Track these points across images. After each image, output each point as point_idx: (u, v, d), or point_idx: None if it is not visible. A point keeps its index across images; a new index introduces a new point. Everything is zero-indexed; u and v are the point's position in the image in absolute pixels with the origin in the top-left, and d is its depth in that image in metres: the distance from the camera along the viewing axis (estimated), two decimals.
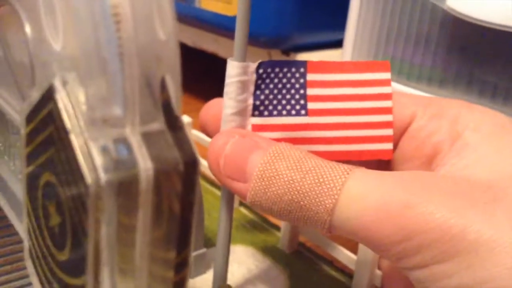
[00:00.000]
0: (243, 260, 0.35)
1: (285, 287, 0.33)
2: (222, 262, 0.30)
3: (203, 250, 0.32)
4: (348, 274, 0.34)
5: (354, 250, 0.32)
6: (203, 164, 0.43)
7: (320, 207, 0.20)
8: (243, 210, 0.40)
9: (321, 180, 0.20)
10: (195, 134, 0.42)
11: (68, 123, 0.15)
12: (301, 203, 0.20)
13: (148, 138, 0.16)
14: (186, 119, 0.42)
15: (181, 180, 0.16)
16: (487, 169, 0.20)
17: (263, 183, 0.21)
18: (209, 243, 0.36)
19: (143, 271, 0.16)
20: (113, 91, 0.15)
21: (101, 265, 0.15)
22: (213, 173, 0.23)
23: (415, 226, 0.18)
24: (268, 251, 0.36)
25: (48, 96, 0.16)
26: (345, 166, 0.20)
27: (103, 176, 0.15)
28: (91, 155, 0.15)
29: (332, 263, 0.35)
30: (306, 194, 0.20)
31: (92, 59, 0.15)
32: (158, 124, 0.16)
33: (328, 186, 0.19)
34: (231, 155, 0.22)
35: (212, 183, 0.43)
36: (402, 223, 0.18)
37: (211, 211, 0.39)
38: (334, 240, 0.34)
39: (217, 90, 0.29)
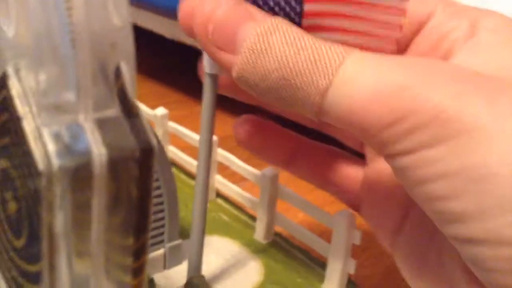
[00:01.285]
0: (220, 251, 0.35)
1: (261, 277, 0.33)
2: (197, 253, 0.30)
3: (179, 241, 0.33)
4: (323, 263, 0.34)
5: (329, 239, 0.32)
6: (181, 157, 0.43)
7: (312, 87, 0.18)
8: (220, 201, 0.40)
9: (316, 58, 0.18)
10: (172, 127, 0.42)
11: (20, 110, 0.15)
12: (292, 81, 0.18)
13: (102, 124, 0.16)
14: (162, 111, 0.42)
15: (137, 166, 0.16)
16: (497, 67, 0.19)
17: (253, 56, 0.19)
18: (185, 234, 0.36)
19: (100, 257, 0.16)
20: (65, 77, 0.15)
21: (56, 252, 0.15)
22: (199, 40, 0.21)
23: (407, 107, 0.17)
24: (244, 241, 0.36)
25: (2, 83, 0.16)
26: (344, 47, 0.19)
27: (55, 162, 0.15)
28: (43, 141, 0.15)
29: (308, 252, 0.35)
30: (298, 72, 0.18)
31: (44, 45, 0.15)
32: (113, 111, 0.16)
33: (324, 65, 0.18)
34: (222, 22, 0.20)
35: (189, 174, 0.43)
36: (395, 104, 0.17)
37: (188, 202, 0.39)
38: (310, 229, 0.34)
39: (195, 83, 0.28)
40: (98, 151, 0.15)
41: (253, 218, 0.38)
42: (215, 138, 0.39)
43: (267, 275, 0.33)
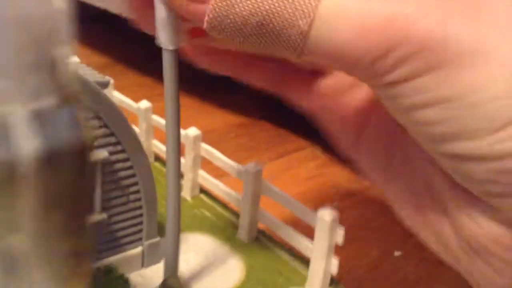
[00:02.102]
0: (200, 249, 0.34)
1: (242, 276, 0.32)
2: (173, 251, 0.29)
3: (157, 239, 0.32)
4: (307, 262, 0.33)
5: (312, 237, 0.31)
6: (165, 151, 0.42)
7: (293, 29, 0.17)
8: (203, 197, 0.39)
9: None
10: (155, 120, 0.41)
11: None
12: (270, 25, 0.17)
13: (38, 115, 0.14)
14: (145, 104, 0.41)
15: (75, 160, 0.15)
16: None
17: (224, 2, 0.17)
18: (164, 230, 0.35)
19: (38, 259, 0.15)
20: None
21: None
22: None
23: (396, 38, 0.16)
24: (226, 239, 0.35)
25: None
26: None
27: None
28: None
29: (292, 250, 0.34)
30: (275, 14, 0.17)
31: None
32: (49, 101, 0.15)
33: (302, 3, 0.17)
34: None
35: None
36: (382, 36, 0.16)
37: None
38: (295, 226, 0.33)
39: (181, 75, 0.27)
40: (31, 144, 0.14)
41: (237, 215, 0.37)
42: (198, 132, 0.38)
43: (248, 274, 0.32)
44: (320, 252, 0.31)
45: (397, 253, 0.38)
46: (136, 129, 0.43)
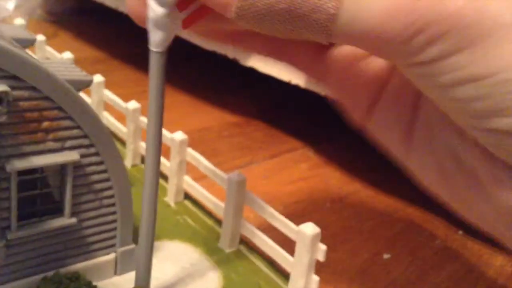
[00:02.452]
0: (178, 258, 0.33)
1: None
2: (144, 260, 0.28)
3: (131, 246, 0.30)
4: (288, 277, 0.32)
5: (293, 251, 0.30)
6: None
7: (321, 13, 0.17)
8: (187, 203, 0.38)
9: None
10: (143, 121, 0.40)
11: None
12: (298, 10, 0.17)
13: None
14: (134, 105, 0.40)
15: None
16: None
17: None
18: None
19: None
20: None
21: None
22: None
23: (428, 17, 0.16)
24: (207, 248, 0.34)
25: None
26: None
27: None
28: None
29: (273, 264, 0.33)
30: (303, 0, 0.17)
31: None
32: None
33: None
34: None
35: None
36: (414, 16, 0.16)
37: None
38: (278, 239, 0.32)
39: (175, 71, 0.27)
40: None
41: (221, 224, 0.36)
42: (184, 136, 0.36)
43: (225, 287, 0.31)
44: (300, 268, 0.29)
45: (386, 256, 0.37)
46: (124, 129, 0.42)
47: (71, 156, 0.26)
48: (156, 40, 0.22)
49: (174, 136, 0.36)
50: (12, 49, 0.22)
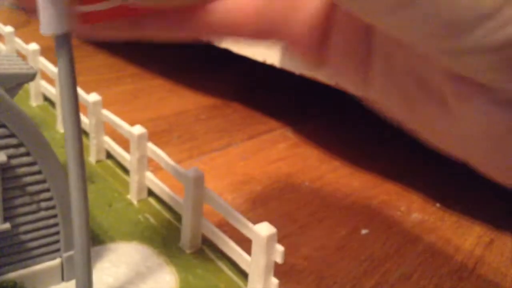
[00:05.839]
0: (134, 261, 0.31)
1: None
2: (83, 267, 0.26)
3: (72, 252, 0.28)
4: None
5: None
6: (115, 149, 0.38)
7: None
8: (151, 201, 0.36)
9: None
10: (105, 115, 0.38)
11: None
12: None
13: None
14: (94, 97, 0.38)
15: None
16: None
17: None
18: (102, 239, 0.32)
19: None
20: None
21: None
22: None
23: None
24: (166, 250, 0.32)
25: None
26: None
27: None
28: None
29: (235, 264, 0.30)
30: None
31: None
32: None
33: None
34: None
35: (123, 169, 0.39)
36: None
37: (113, 201, 0.35)
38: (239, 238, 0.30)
39: (152, 55, 0.24)
40: None
41: None
42: (143, 130, 0.34)
43: None
44: (257, 269, 0.27)
45: (364, 231, 0.37)
46: (87, 121, 0.40)
47: None
48: (54, 20, 0.18)
49: (132, 130, 0.34)
50: None
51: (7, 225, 0.25)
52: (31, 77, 0.28)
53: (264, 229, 0.26)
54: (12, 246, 0.26)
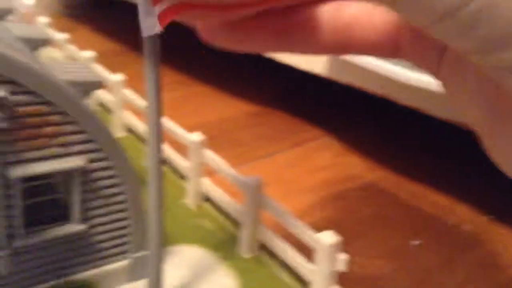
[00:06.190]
0: (195, 264, 0.31)
1: None
2: (155, 267, 0.26)
3: (146, 252, 0.29)
4: (308, 284, 0.30)
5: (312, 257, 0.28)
6: (170, 155, 0.39)
7: None
8: (207, 206, 0.37)
9: None
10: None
11: None
12: None
13: None
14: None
15: None
16: None
17: None
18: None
19: None
20: None
21: None
22: None
23: None
24: (225, 254, 0.32)
25: None
26: None
27: None
28: None
29: (293, 271, 0.31)
30: None
31: None
32: None
33: None
34: None
35: (175, 171, 0.40)
36: None
37: (172, 206, 0.36)
38: (299, 244, 0.30)
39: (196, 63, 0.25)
40: None
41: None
42: (202, 137, 0.35)
43: None
44: (321, 278, 0.28)
45: (415, 242, 0.37)
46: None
47: (77, 161, 0.25)
48: (147, 23, 0.19)
49: (191, 137, 0.35)
50: (9, 53, 0.21)
51: (82, 226, 0.26)
52: (98, 85, 0.30)
53: (328, 238, 0.27)
54: (87, 247, 0.27)
